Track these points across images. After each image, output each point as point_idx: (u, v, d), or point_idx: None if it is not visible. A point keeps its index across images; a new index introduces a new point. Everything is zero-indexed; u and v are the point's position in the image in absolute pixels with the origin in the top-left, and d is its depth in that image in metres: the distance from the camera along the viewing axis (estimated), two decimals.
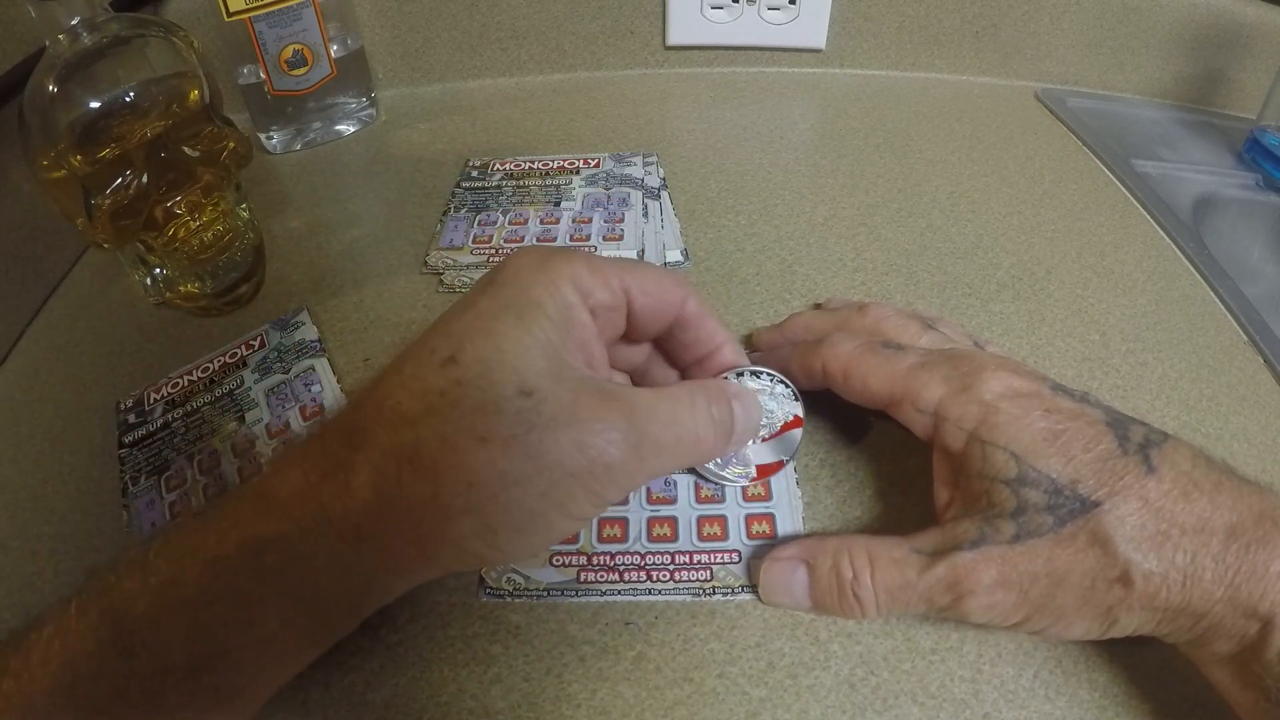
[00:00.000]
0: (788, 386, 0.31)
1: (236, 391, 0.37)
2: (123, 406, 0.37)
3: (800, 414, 0.31)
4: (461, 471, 0.21)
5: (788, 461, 0.32)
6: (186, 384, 0.37)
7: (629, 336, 0.28)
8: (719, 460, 0.31)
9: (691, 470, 0.32)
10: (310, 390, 0.37)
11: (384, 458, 0.21)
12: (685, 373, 0.31)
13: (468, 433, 0.21)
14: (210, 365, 0.38)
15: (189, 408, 0.36)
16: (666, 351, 0.30)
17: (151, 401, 0.37)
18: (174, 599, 0.20)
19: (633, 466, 0.23)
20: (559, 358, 0.23)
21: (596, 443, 0.22)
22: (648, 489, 0.32)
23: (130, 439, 0.35)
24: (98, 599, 0.21)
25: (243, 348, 0.39)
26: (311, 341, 0.39)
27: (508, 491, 0.21)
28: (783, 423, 0.31)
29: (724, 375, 0.30)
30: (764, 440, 0.31)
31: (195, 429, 0.35)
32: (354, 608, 0.23)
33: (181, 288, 0.41)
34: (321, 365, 0.38)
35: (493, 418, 0.21)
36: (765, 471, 0.31)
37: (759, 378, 0.30)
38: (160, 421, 0.36)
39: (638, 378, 0.31)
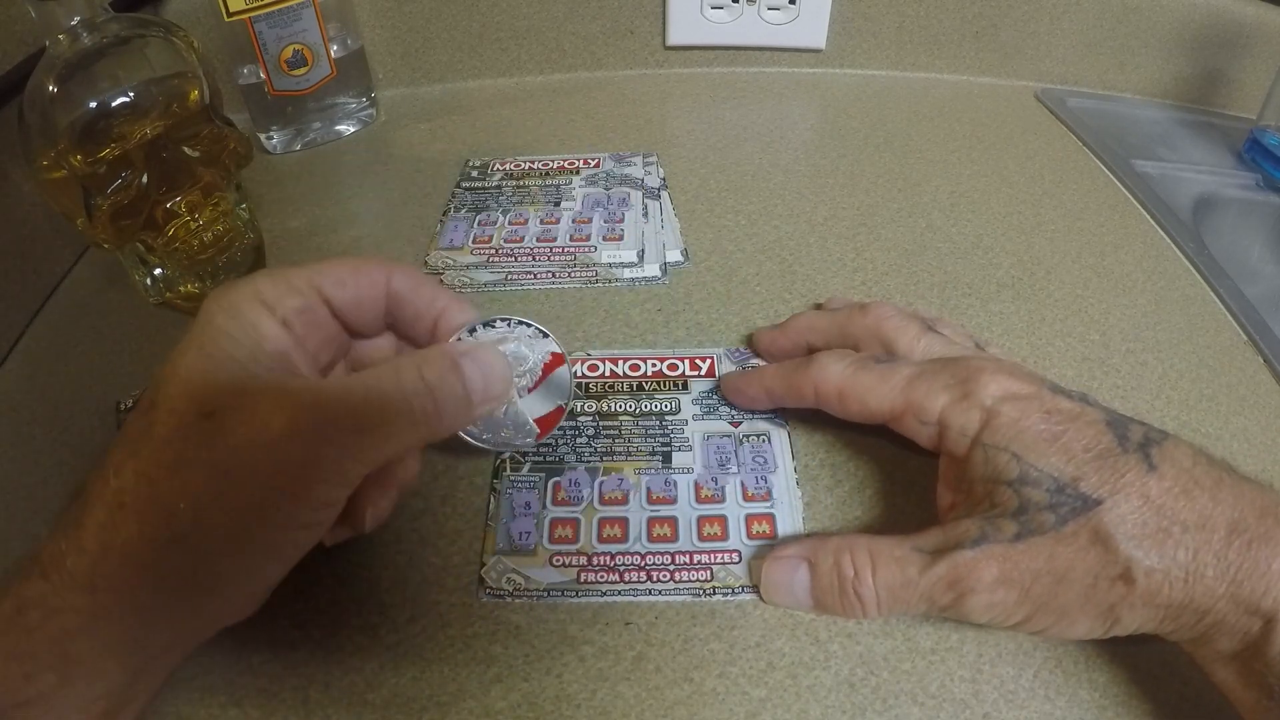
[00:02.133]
0: (530, 325, 0.29)
1: None
2: (123, 407, 0.37)
3: (558, 349, 0.29)
4: (158, 504, 0.21)
5: (565, 405, 0.29)
6: None
7: (352, 331, 0.28)
8: (483, 426, 0.28)
9: (466, 439, 0.29)
10: None
11: (101, 508, 0.22)
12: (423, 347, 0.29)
13: (160, 464, 0.22)
14: None
15: None
16: (403, 334, 0.29)
17: None
18: None
19: (334, 458, 0.23)
20: (242, 373, 0.23)
21: (281, 443, 0.22)
22: (647, 489, 0.32)
23: None
24: None
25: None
26: None
27: (205, 514, 0.21)
28: (541, 365, 0.29)
29: (455, 337, 0.28)
30: (530, 391, 0.29)
31: None
32: (120, 658, 0.22)
33: (181, 288, 0.41)
34: None
35: (176, 445, 0.22)
36: (547, 424, 0.29)
37: (492, 326, 0.28)
38: None
39: None
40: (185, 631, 0.23)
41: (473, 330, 0.28)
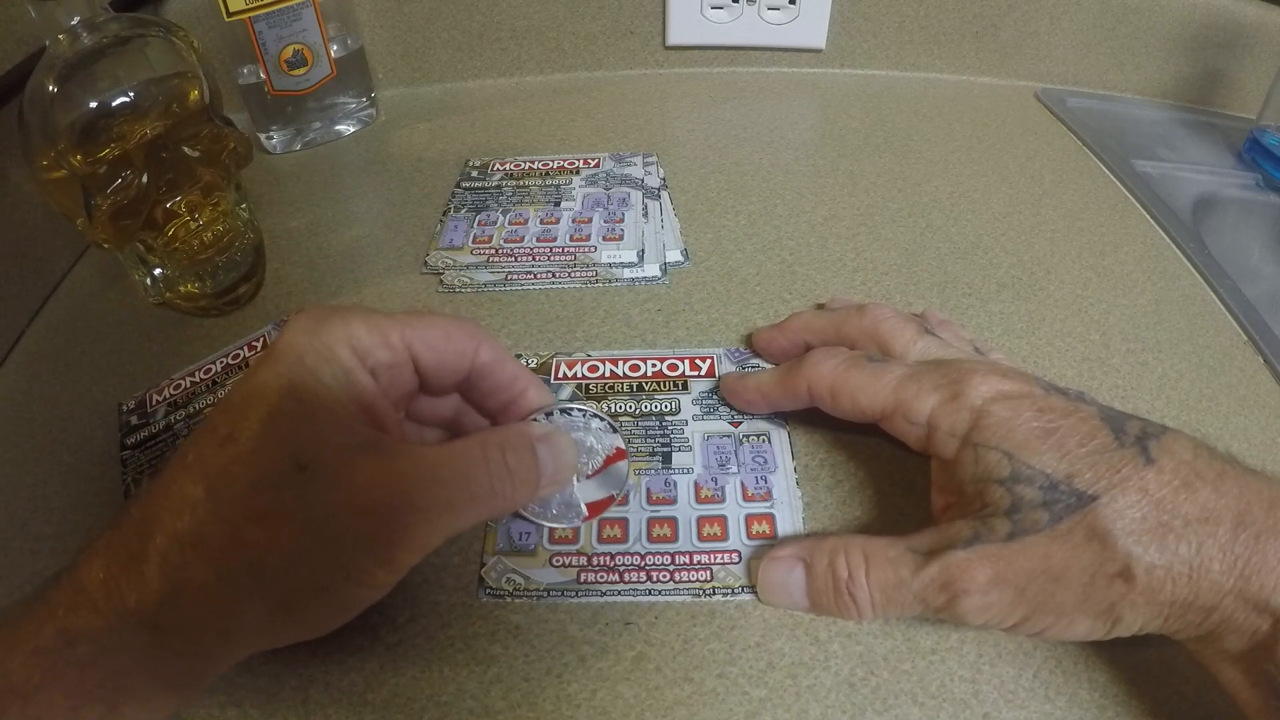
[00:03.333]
0: (603, 420, 0.30)
1: None
2: (125, 408, 0.37)
3: (622, 446, 0.30)
4: (242, 552, 0.21)
5: (618, 496, 0.30)
6: (188, 385, 0.37)
7: (427, 390, 0.28)
8: (540, 504, 0.30)
9: (518, 515, 0.30)
10: None
11: (170, 546, 0.21)
12: (495, 419, 0.30)
13: (246, 512, 0.21)
14: (212, 367, 0.38)
15: (191, 409, 0.36)
16: (473, 400, 0.29)
17: (154, 403, 0.37)
18: (4, 687, 0.20)
19: (422, 530, 0.23)
20: (337, 425, 0.23)
21: (378, 510, 0.22)
22: (647, 489, 0.32)
23: (133, 440, 0.35)
24: None
25: (245, 349, 0.39)
26: None
27: (292, 569, 0.21)
28: (605, 457, 0.30)
29: (532, 417, 0.29)
30: (589, 477, 0.30)
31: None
32: (174, 689, 0.22)
33: (181, 288, 0.41)
34: None
35: (269, 494, 0.21)
36: (595, 510, 0.30)
37: (570, 415, 0.30)
38: (163, 423, 0.36)
39: (449, 427, 0.30)
40: (237, 660, 0.23)
41: (549, 414, 0.29)
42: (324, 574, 0.22)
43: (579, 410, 0.30)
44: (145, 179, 0.36)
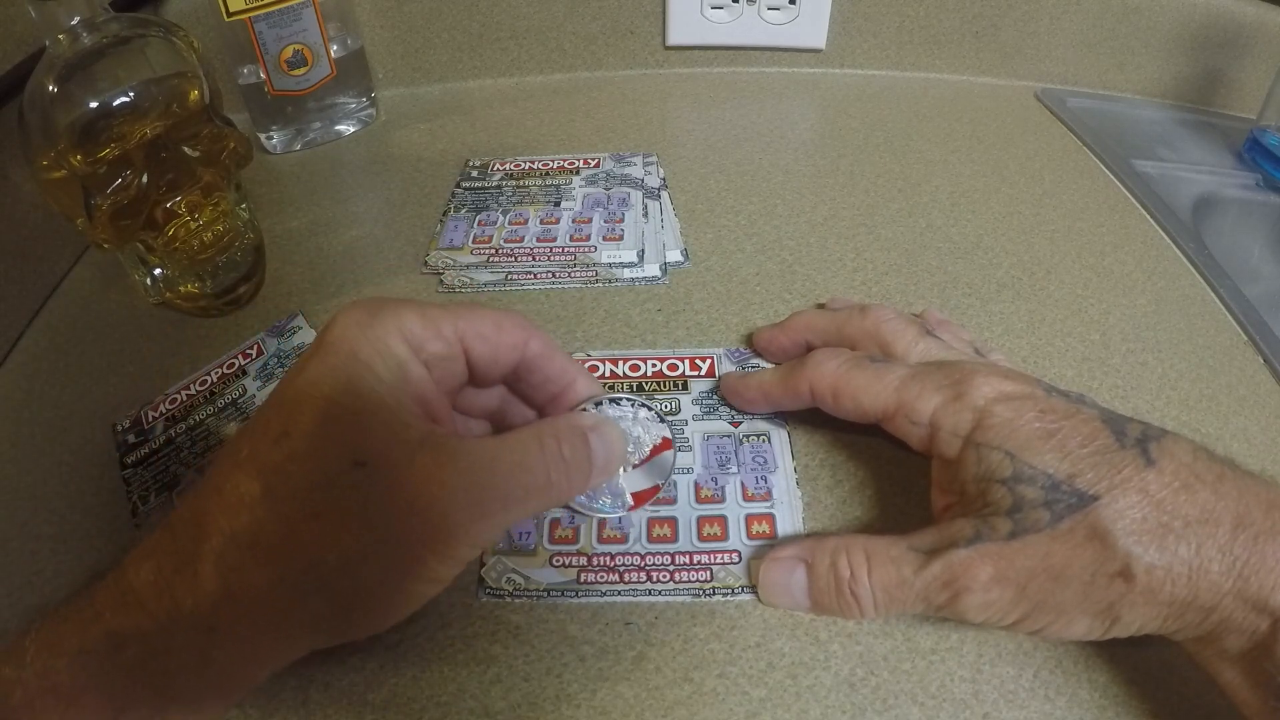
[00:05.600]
0: (650, 409, 0.31)
1: (240, 400, 0.36)
2: (120, 427, 0.36)
3: (668, 435, 0.31)
4: (302, 552, 0.21)
5: (663, 486, 0.31)
6: (185, 399, 0.37)
7: (475, 382, 0.27)
8: (587, 495, 0.30)
9: (566, 505, 0.31)
10: None
11: (226, 546, 0.21)
12: (542, 410, 0.30)
13: (303, 511, 0.21)
14: (208, 378, 0.38)
15: (191, 421, 0.36)
16: (520, 392, 0.29)
17: (150, 420, 0.36)
18: (46, 688, 0.20)
19: (481, 524, 0.22)
20: (393, 420, 0.22)
21: (437, 506, 0.21)
22: None
23: (133, 459, 0.34)
24: None
25: (240, 357, 0.39)
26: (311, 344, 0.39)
27: (353, 567, 0.21)
28: (651, 446, 0.30)
29: (581, 407, 0.29)
30: (635, 467, 0.30)
31: (202, 441, 0.35)
32: (224, 693, 0.22)
33: (181, 288, 0.41)
34: None
35: (327, 493, 0.21)
36: (641, 499, 0.30)
37: (619, 405, 0.30)
38: (163, 438, 0.35)
39: (495, 419, 0.30)
40: (291, 661, 0.23)
41: (598, 404, 0.29)
42: (384, 571, 0.21)
43: (627, 401, 0.30)
44: (145, 179, 0.36)
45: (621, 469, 0.30)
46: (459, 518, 0.22)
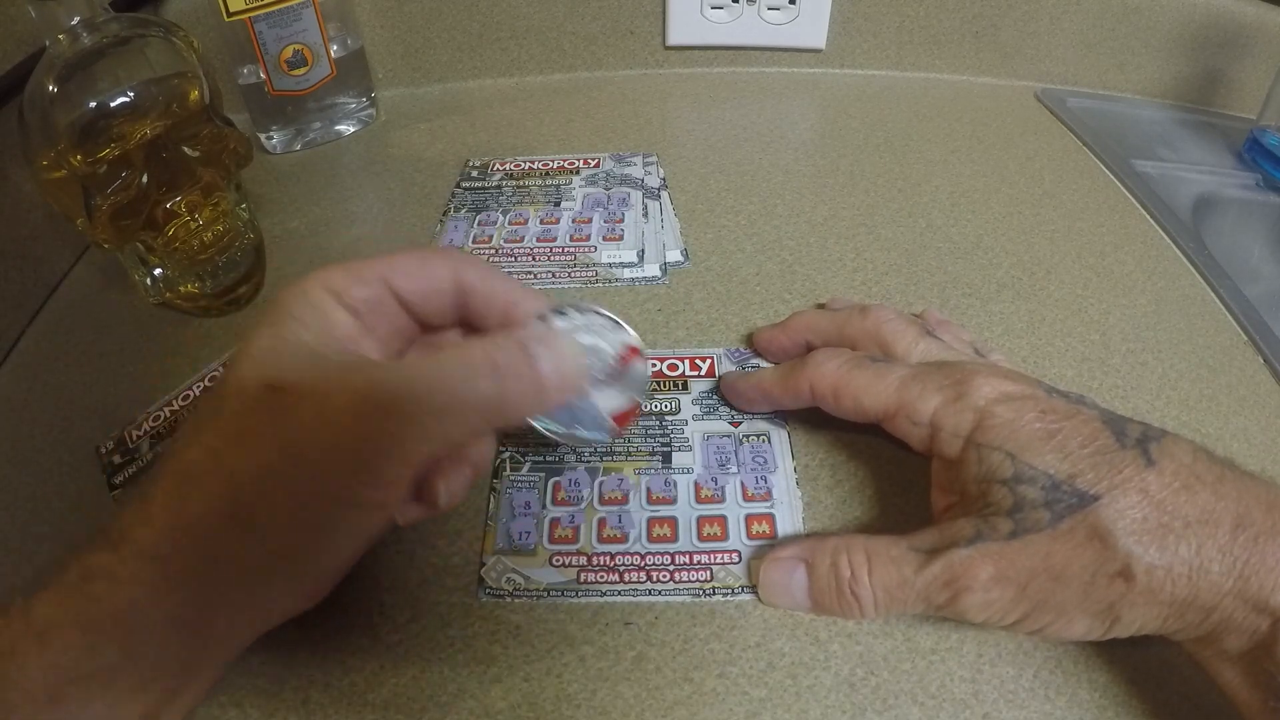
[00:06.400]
0: (604, 315, 0.28)
1: None
2: (103, 450, 0.35)
3: (634, 342, 0.28)
4: (226, 477, 0.21)
5: (642, 401, 0.29)
6: (169, 415, 0.36)
7: (425, 323, 0.27)
8: (556, 418, 0.28)
9: (546, 435, 0.28)
10: None
11: (171, 480, 0.22)
12: None
13: (227, 438, 0.22)
14: (191, 392, 0.37)
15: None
16: (473, 328, 0.28)
17: (135, 439, 0.35)
18: (25, 630, 0.21)
19: (410, 439, 0.22)
20: (313, 354, 0.23)
21: (354, 421, 0.22)
22: (647, 489, 0.32)
23: (120, 479, 0.34)
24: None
25: (222, 369, 0.38)
26: None
27: (273, 490, 0.21)
28: (617, 357, 0.28)
29: (526, 324, 0.27)
30: (601, 382, 0.28)
31: None
32: (184, 635, 0.22)
33: (181, 288, 0.41)
34: None
35: (244, 419, 0.22)
36: (622, 420, 0.29)
37: (566, 315, 0.27)
38: (150, 456, 0.34)
39: None
40: (248, 616, 0.23)
41: (543, 319, 0.27)
42: (303, 494, 0.22)
43: (576, 309, 0.27)
44: (145, 179, 0.36)
45: (588, 386, 0.27)
46: (381, 434, 0.22)
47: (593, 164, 0.52)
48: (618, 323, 0.29)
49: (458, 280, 0.27)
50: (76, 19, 0.34)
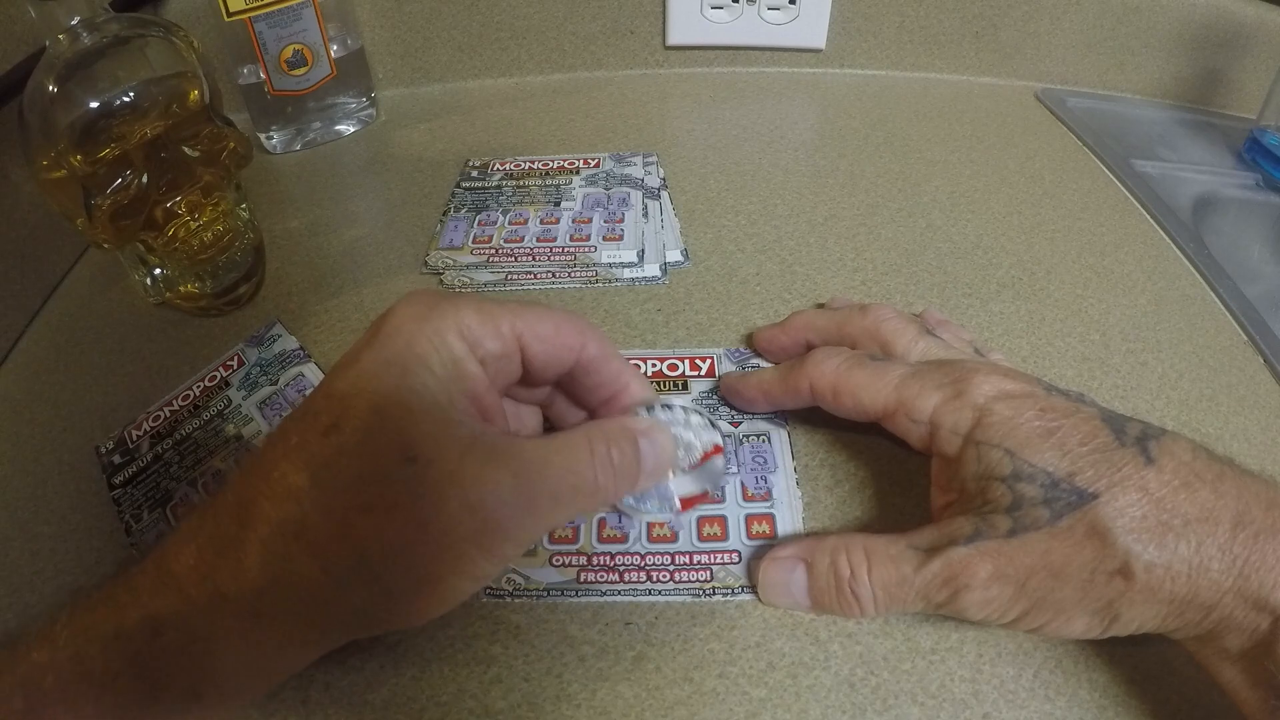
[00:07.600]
0: (702, 415, 0.30)
1: (226, 411, 0.36)
2: (103, 450, 0.35)
3: (720, 442, 0.30)
4: (350, 545, 0.21)
5: (712, 493, 0.31)
6: (169, 415, 0.36)
7: (527, 381, 0.27)
8: (635, 497, 0.29)
9: (613, 507, 0.31)
10: (304, 395, 0.36)
11: (272, 534, 0.21)
12: (593, 412, 0.29)
13: (353, 504, 0.21)
14: (190, 392, 0.37)
15: (178, 436, 0.35)
16: (572, 392, 0.29)
17: (134, 439, 0.35)
18: (80, 673, 0.20)
19: (528, 523, 0.22)
20: (445, 417, 0.22)
21: (487, 504, 0.21)
22: None
23: (120, 479, 0.34)
24: (10, 670, 0.21)
25: (221, 369, 0.38)
26: (293, 350, 0.39)
27: (399, 562, 0.21)
28: (703, 452, 0.30)
29: (633, 411, 0.28)
30: (685, 471, 0.30)
31: (191, 455, 0.34)
32: (259, 680, 0.22)
33: (181, 288, 0.41)
34: (310, 370, 0.38)
35: (377, 487, 0.21)
36: (689, 504, 0.30)
37: (670, 410, 0.29)
38: (150, 456, 0.34)
39: (544, 406, 0.30)
40: (330, 649, 0.23)
41: (650, 409, 0.28)
42: (430, 566, 0.21)
43: (680, 406, 0.30)
44: (145, 179, 0.36)
45: (671, 473, 0.29)
46: (506, 516, 0.22)
47: (593, 164, 0.52)
48: (711, 423, 0.31)
49: (582, 354, 0.27)
50: (76, 19, 0.34)
